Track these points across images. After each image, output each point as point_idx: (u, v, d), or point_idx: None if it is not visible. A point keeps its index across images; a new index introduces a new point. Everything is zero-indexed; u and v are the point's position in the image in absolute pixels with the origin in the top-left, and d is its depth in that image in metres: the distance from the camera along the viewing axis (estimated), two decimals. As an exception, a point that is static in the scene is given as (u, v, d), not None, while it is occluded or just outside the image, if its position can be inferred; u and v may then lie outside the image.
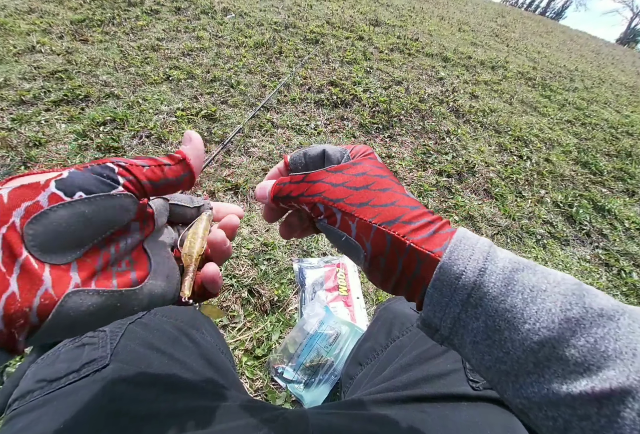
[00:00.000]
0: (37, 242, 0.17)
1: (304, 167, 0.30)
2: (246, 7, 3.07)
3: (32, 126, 1.33)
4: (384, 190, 0.26)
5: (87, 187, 0.19)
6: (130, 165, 0.21)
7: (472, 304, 0.21)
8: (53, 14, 2.22)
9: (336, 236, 0.26)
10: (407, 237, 0.23)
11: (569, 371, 0.18)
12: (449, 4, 6.56)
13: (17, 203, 0.17)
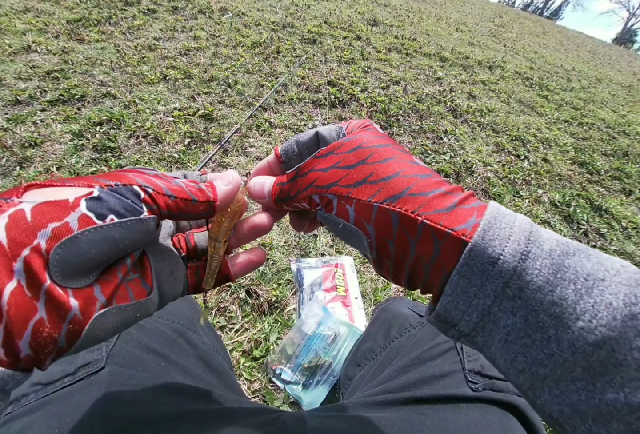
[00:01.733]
0: (61, 268, 0.16)
1: (298, 156, 0.27)
2: (244, 6, 3.06)
3: (27, 126, 1.32)
4: (384, 161, 0.22)
5: (118, 210, 0.17)
6: (157, 194, 0.19)
7: (509, 296, 0.17)
8: (49, 13, 2.20)
9: (333, 224, 0.23)
10: (417, 213, 0.19)
11: (629, 379, 0.14)
12: (446, 4, 6.57)
13: (43, 223, 0.15)
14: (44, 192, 0.16)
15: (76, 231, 0.16)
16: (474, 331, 0.18)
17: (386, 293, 0.99)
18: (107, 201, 0.17)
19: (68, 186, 0.17)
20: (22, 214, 0.15)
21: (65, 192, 0.17)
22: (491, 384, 0.39)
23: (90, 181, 0.18)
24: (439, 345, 0.46)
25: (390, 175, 0.21)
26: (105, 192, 0.17)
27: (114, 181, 0.18)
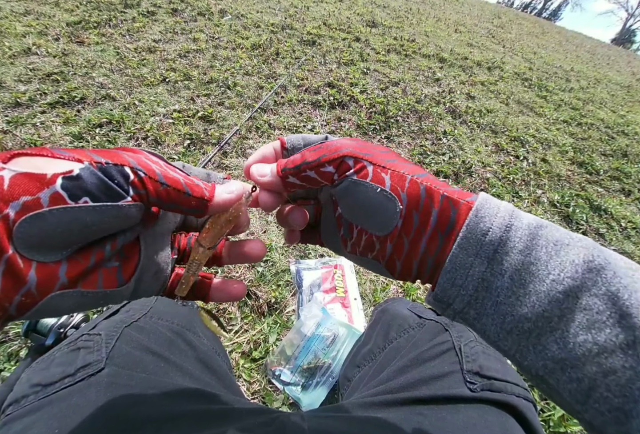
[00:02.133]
0: (25, 241, 0.16)
1: (301, 148, 0.27)
2: (243, 8, 3.08)
3: (27, 128, 1.32)
4: (399, 156, 0.25)
5: (94, 193, 0.17)
6: (148, 178, 0.19)
7: (498, 260, 0.20)
8: (49, 15, 2.21)
9: (368, 189, 0.23)
10: (438, 188, 0.22)
11: (593, 321, 0.18)
12: (445, 5, 6.59)
13: (17, 194, 0.15)
14: (31, 161, 0.17)
15: (45, 207, 0.16)
16: (467, 305, 0.21)
17: (385, 294, 0.99)
18: (86, 181, 0.17)
19: (56, 157, 0.17)
20: (1, 180, 0.15)
21: (48, 166, 0.17)
22: (489, 385, 0.40)
23: (82, 155, 0.18)
24: (437, 346, 0.46)
25: (408, 164, 0.24)
26: (87, 172, 0.17)
27: (105, 159, 0.18)
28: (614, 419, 0.17)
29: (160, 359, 0.39)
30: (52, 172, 0.16)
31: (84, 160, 0.17)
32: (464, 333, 0.48)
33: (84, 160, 0.17)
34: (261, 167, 0.26)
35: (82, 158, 0.17)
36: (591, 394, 0.17)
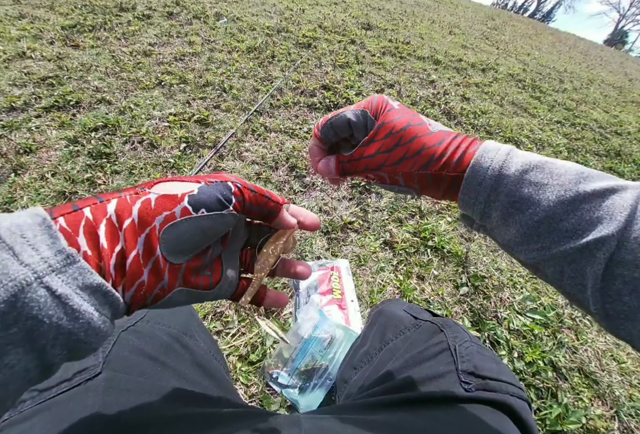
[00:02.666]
0: (166, 245, 0.22)
1: (334, 136, 0.35)
2: (238, 11, 3.09)
3: (22, 133, 1.32)
4: (411, 140, 0.31)
5: (208, 205, 0.23)
6: (244, 188, 0.25)
7: (492, 200, 0.28)
8: (44, 19, 2.21)
9: (389, 189, 0.35)
10: (442, 171, 0.30)
11: (562, 237, 0.25)
12: (439, 7, 6.64)
13: (160, 211, 0.21)
14: (167, 186, 0.23)
15: (178, 218, 0.22)
16: (482, 218, 0.30)
17: (382, 295, 0.99)
18: (203, 198, 0.23)
19: (182, 180, 0.24)
20: (149, 202, 0.22)
21: (179, 188, 0.23)
22: (484, 384, 0.40)
23: (200, 178, 0.24)
24: (433, 346, 0.46)
25: (419, 150, 0.30)
26: (203, 189, 0.23)
27: (214, 179, 0.24)
28: (579, 289, 0.25)
29: (157, 363, 0.39)
30: (181, 192, 0.23)
31: (201, 181, 0.24)
32: (459, 333, 0.48)
33: (200, 181, 0.24)
34: (327, 169, 0.36)
35: (200, 180, 0.24)
36: (563, 275, 0.26)
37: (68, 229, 0.19)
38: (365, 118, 0.33)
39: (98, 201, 0.21)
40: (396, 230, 1.22)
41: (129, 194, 0.22)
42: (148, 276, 0.21)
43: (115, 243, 0.20)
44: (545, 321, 0.98)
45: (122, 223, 0.21)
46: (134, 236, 0.21)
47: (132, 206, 0.21)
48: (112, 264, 0.20)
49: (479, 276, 1.09)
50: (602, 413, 0.81)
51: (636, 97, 4.19)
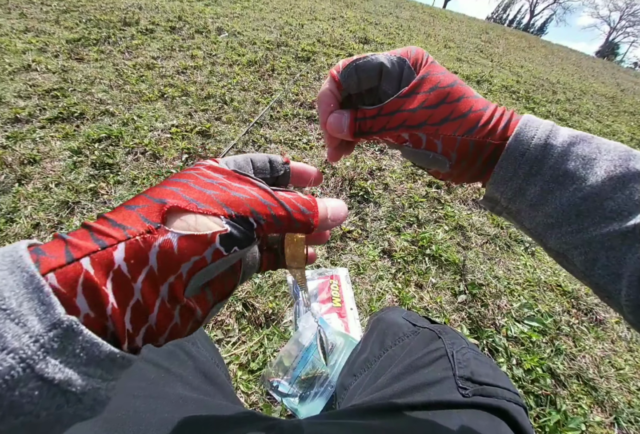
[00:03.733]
0: (192, 289, 0.20)
1: (356, 83, 0.29)
2: (239, 26, 3.17)
3: (27, 144, 1.34)
4: (458, 100, 0.27)
5: (241, 243, 0.21)
6: (267, 224, 0.21)
7: (533, 174, 0.25)
8: (49, 33, 2.27)
9: (422, 156, 0.29)
10: (486, 138, 0.27)
11: (604, 217, 0.23)
12: (434, 22, 6.83)
13: (188, 257, 0.18)
14: (184, 219, 0.19)
15: (209, 262, 0.19)
16: (510, 203, 0.28)
17: (381, 304, 1.00)
18: (235, 236, 0.20)
19: (198, 212, 0.19)
20: (170, 245, 0.18)
21: (204, 223, 0.19)
22: (481, 390, 0.41)
23: (214, 205, 0.20)
24: (430, 353, 0.47)
25: (465, 112, 0.27)
26: (235, 229, 0.20)
27: (234, 211, 0.20)
28: (611, 279, 0.23)
29: (161, 369, 0.40)
30: (210, 231, 0.19)
31: (219, 213, 0.20)
32: (456, 340, 0.49)
33: (219, 213, 0.20)
34: (338, 124, 0.29)
35: (217, 212, 0.20)
36: (596, 263, 0.23)
37: (62, 289, 0.15)
38: (401, 67, 0.28)
39: (99, 247, 0.16)
40: (394, 239, 1.24)
41: (139, 235, 0.17)
42: (180, 316, 0.19)
43: (129, 297, 0.17)
44: (543, 328, 0.99)
45: (137, 274, 0.17)
46: (153, 286, 0.18)
47: (147, 252, 0.17)
48: (127, 319, 0.17)
49: (477, 284, 1.10)
50: (602, 419, 0.81)
51: (628, 107, 4.28)
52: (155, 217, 0.18)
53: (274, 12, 4.12)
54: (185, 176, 0.22)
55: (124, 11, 2.91)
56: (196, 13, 3.28)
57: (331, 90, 0.30)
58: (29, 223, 1.05)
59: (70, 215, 1.11)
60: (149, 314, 0.18)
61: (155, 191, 0.20)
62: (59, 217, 1.09)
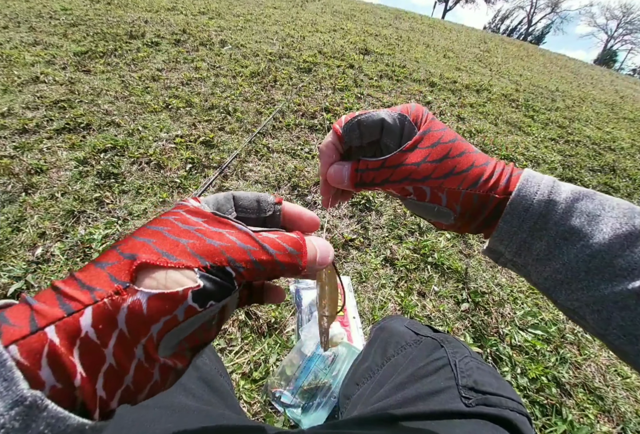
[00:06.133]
0: (165, 349, 0.18)
1: (358, 138, 0.30)
2: (242, 39, 3.24)
3: (34, 154, 1.37)
4: (460, 155, 0.28)
5: (216, 297, 0.19)
6: (247, 270, 0.20)
7: (538, 229, 0.26)
8: (57, 46, 2.33)
9: (427, 208, 0.29)
10: (490, 192, 0.27)
11: (615, 275, 0.23)
12: (433, 32, 6.94)
13: (157, 317, 0.17)
14: (155, 276, 0.18)
15: (181, 320, 0.18)
16: (515, 256, 0.28)
17: (383, 312, 1.00)
18: (209, 290, 0.19)
19: (170, 267, 0.18)
20: (139, 307, 0.17)
21: (171, 280, 0.18)
22: (484, 400, 0.41)
23: (187, 257, 0.19)
24: (433, 362, 0.47)
25: (468, 167, 0.28)
26: (209, 282, 0.19)
27: (208, 261, 0.19)
28: (629, 340, 0.22)
29: (165, 378, 0.41)
30: (182, 288, 0.18)
31: (192, 266, 0.19)
32: (459, 349, 0.49)
33: (192, 266, 0.19)
34: (339, 175, 0.30)
35: (190, 264, 0.19)
36: (610, 322, 0.23)
37: (25, 362, 0.14)
38: (402, 122, 0.28)
39: (65, 313, 0.15)
40: (396, 247, 1.24)
41: (107, 297, 0.16)
42: (159, 374, 0.19)
43: (100, 364, 0.16)
44: (547, 337, 0.99)
45: (107, 339, 0.16)
46: (127, 349, 0.17)
47: (115, 316, 0.16)
48: (100, 386, 0.16)
49: (480, 292, 1.10)
50: (609, 429, 0.80)
51: (628, 114, 4.30)
52: (125, 276, 0.17)
53: (276, 24, 4.21)
54: (162, 222, 0.21)
55: (130, 25, 2.99)
56: (200, 26, 3.37)
57: (333, 143, 0.30)
58: (35, 232, 1.06)
59: (76, 224, 1.13)
60: (125, 376, 0.17)
61: (127, 244, 0.19)
62: (65, 226, 1.10)
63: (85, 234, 1.07)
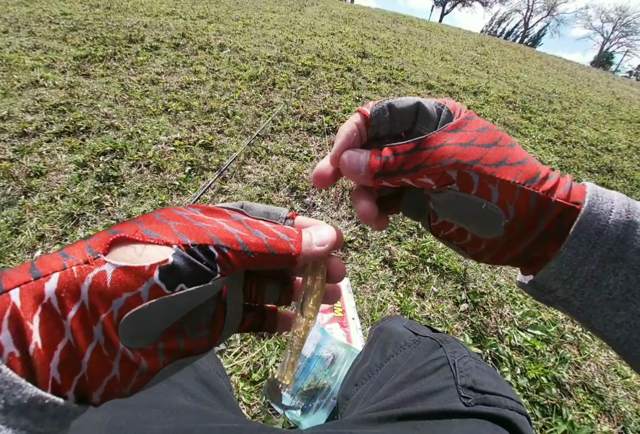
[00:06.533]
0: (127, 335, 0.17)
1: (388, 123, 0.25)
2: (241, 42, 3.26)
3: (33, 157, 1.37)
4: (512, 145, 0.23)
5: (188, 279, 0.17)
6: (232, 252, 0.19)
7: (612, 258, 0.19)
8: (57, 50, 2.34)
9: (471, 205, 0.22)
10: (551, 196, 0.21)
11: None
12: (431, 36, 6.99)
13: (119, 292, 0.16)
14: (126, 251, 0.17)
15: (145, 302, 0.16)
16: (573, 296, 0.21)
17: (383, 313, 1.00)
18: (180, 269, 0.17)
19: (147, 242, 0.18)
20: (104, 278, 0.16)
21: (146, 254, 0.17)
22: (483, 399, 0.41)
23: (169, 234, 0.18)
24: (432, 362, 0.47)
25: (522, 160, 0.22)
26: (180, 259, 0.17)
27: (191, 239, 0.18)
28: None
29: (163, 379, 0.40)
30: (149, 263, 0.17)
31: (172, 242, 0.18)
32: (458, 348, 0.49)
33: (172, 243, 0.18)
34: (354, 162, 0.24)
35: (169, 241, 0.18)
36: None
37: None
38: (439, 110, 0.24)
39: (32, 277, 0.15)
40: (395, 248, 1.25)
41: (76, 265, 0.16)
42: (120, 368, 0.17)
43: (58, 337, 0.15)
44: (547, 337, 0.99)
45: (68, 310, 0.15)
46: (85, 325, 0.16)
47: (80, 285, 0.15)
48: (54, 365, 0.15)
49: (479, 293, 1.10)
50: (609, 429, 0.80)
51: (625, 115, 4.33)
52: (100, 248, 0.17)
53: (274, 28, 4.24)
54: (161, 210, 0.21)
55: (129, 29, 3.01)
56: (199, 30, 3.39)
57: (357, 124, 0.25)
58: (34, 235, 1.06)
59: (75, 227, 1.13)
60: (82, 360, 0.16)
61: (118, 225, 0.19)
62: (64, 228, 1.11)
63: (85, 236, 1.07)
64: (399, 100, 0.24)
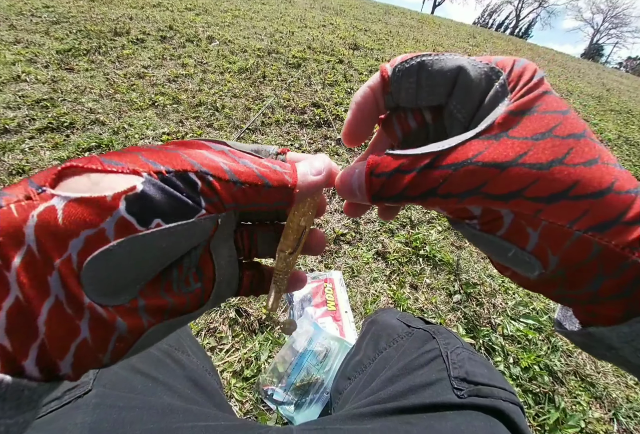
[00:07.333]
0: (96, 286, 0.13)
1: (413, 90, 0.18)
2: (230, 34, 3.20)
3: (15, 154, 1.33)
4: (589, 163, 0.15)
5: (166, 212, 0.14)
6: (219, 181, 0.15)
7: None
8: (39, 44, 2.27)
9: (495, 247, 0.17)
10: (630, 252, 0.14)
11: None
12: (423, 27, 6.94)
13: (76, 230, 0.12)
14: (81, 180, 0.13)
15: (112, 240, 0.13)
16: (626, 345, 0.16)
17: (376, 306, 1.00)
18: (154, 199, 0.14)
19: (108, 171, 0.14)
20: (54, 214, 0.12)
21: (105, 184, 0.13)
22: (476, 390, 0.40)
23: (137, 162, 0.14)
24: (425, 354, 0.47)
25: (601, 189, 0.14)
26: (152, 185, 0.14)
27: (165, 166, 0.14)
28: None
29: (148, 378, 0.39)
30: (112, 192, 0.13)
31: (141, 170, 0.14)
32: (450, 340, 0.49)
33: (140, 170, 0.14)
34: (345, 184, 0.19)
35: (137, 168, 0.14)
36: None
37: None
38: (490, 82, 0.16)
39: None
40: (388, 240, 1.24)
41: (15, 202, 0.12)
42: (90, 330, 0.13)
43: (2, 294, 0.12)
44: (539, 326, 0.99)
45: (10, 258, 0.12)
46: (36, 276, 0.12)
47: (22, 225, 0.12)
48: (2, 330, 0.12)
49: (471, 283, 1.10)
50: (601, 415, 0.81)
51: (614, 106, 4.36)
52: (44, 181, 0.13)
53: (264, 20, 4.16)
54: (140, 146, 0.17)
55: (114, 22, 2.92)
56: (187, 22, 3.31)
57: (372, 89, 0.19)
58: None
59: (60, 225, 1.10)
60: (37, 320, 0.12)
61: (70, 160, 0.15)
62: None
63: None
64: (436, 59, 0.17)
